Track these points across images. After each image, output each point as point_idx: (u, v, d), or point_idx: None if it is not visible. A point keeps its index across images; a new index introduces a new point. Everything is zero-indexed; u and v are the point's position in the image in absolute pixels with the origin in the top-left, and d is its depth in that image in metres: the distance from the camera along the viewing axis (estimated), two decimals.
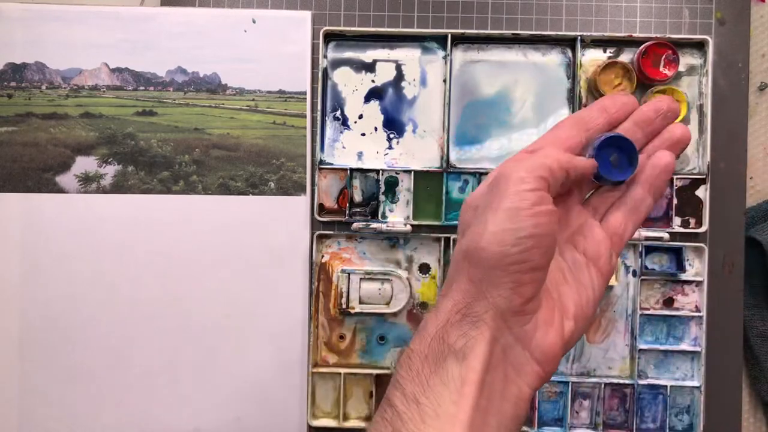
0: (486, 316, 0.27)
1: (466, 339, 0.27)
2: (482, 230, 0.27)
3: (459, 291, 0.28)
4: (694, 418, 0.47)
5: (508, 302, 0.27)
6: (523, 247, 0.26)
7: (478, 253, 0.27)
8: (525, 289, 0.27)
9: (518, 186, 0.27)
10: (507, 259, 0.26)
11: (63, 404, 0.47)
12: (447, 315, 0.28)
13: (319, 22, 0.48)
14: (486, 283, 0.27)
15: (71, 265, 0.47)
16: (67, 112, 0.48)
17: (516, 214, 0.26)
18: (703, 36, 0.47)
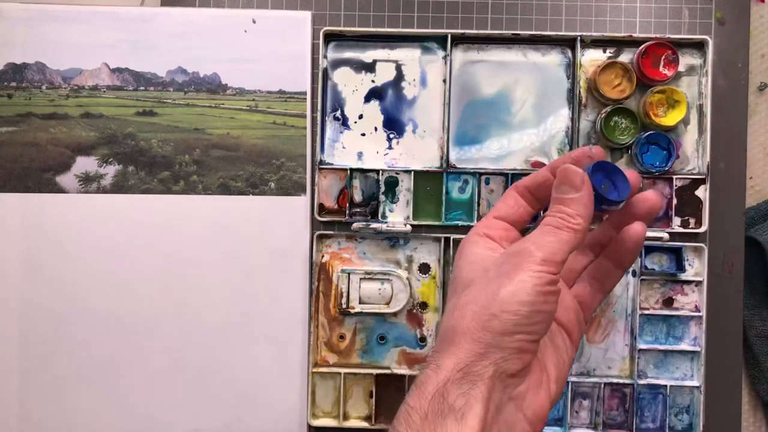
0: (485, 376, 0.28)
1: (465, 398, 0.28)
2: (495, 297, 0.29)
3: (462, 349, 0.29)
4: (693, 418, 0.47)
5: (509, 365, 0.28)
6: (532, 321, 0.28)
7: (490, 318, 0.28)
8: (525, 356, 0.29)
9: (539, 266, 0.29)
10: (517, 328, 0.28)
11: (63, 404, 0.47)
12: (448, 373, 0.28)
13: (319, 22, 0.48)
14: (492, 346, 0.28)
15: (71, 265, 0.47)
16: (67, 112, 0.48)
17: (532, 290, 0.28)
18: (702, 36, 0.47)
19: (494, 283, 0.29)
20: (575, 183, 0.30)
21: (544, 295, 0.28)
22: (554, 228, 0.30)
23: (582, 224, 0.30)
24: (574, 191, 0.30)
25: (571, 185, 0.30)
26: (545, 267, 0.29)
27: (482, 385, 0.28)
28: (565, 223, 0.30)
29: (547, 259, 0.29)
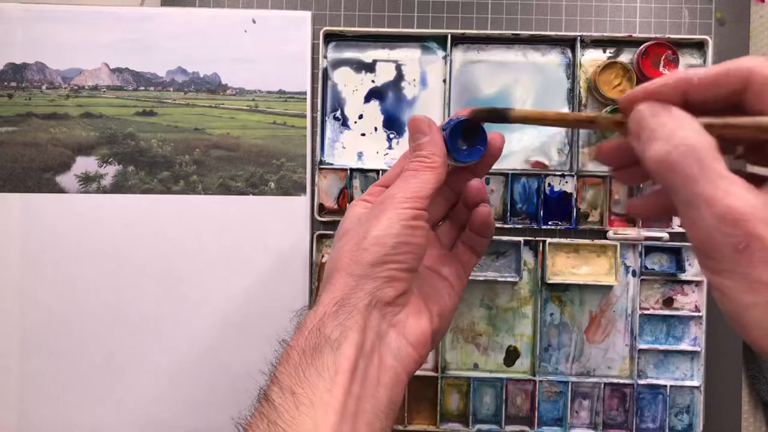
0: (361, 305, 0.30)
1: (341, 329, 0.29)
2: (366, 234, 0.31)
3: (338, 285, 0.31)
4: (693, 418, 0.47)
5: (383, 293, 0.31)
6: (399, 251, 0.31)
7: (360, 252, 0.31)
8: (398, 284, 0.31)
9: (401, 204, 0.31)
10: (385, 258, 0.31)
11: (63, 404, 0.47)
12: (324, 308, 0.30)
13: (319, 22, 0.48)
14: (365, 278, 0.30)
15: (71, 265, 0.47)
16: (67, 112, 0.48)
17: (395, 224, 0.31)
18: (702, 36, 0.47)
19: (364, 225, 0.32)
20: (423, 128, 0.33)
21: (410, 228, 0.31)
22: (413, 171, 0.32)
23: (437, 161, 0.32)
24: (423, 135, 0.33)
25: (420, 131, 0.33)
26: (408, 203, 0.31)
27: (357, 315, 0.30)
28: (422, 164, 0.32)
29: (410, 197, 0.31)
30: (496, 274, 0.47)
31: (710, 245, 0.23)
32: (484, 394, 0.48)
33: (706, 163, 0.22)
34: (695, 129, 0.23)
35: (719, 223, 0.22)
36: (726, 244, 0.22)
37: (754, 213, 0.21)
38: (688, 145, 0.23)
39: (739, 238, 0.22)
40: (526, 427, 0.47)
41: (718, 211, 0.22)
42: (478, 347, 0.48)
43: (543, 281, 0.47)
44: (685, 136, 0.23)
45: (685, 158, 0.23)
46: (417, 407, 0.48)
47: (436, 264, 0.37)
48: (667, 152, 0.23)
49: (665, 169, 0.23)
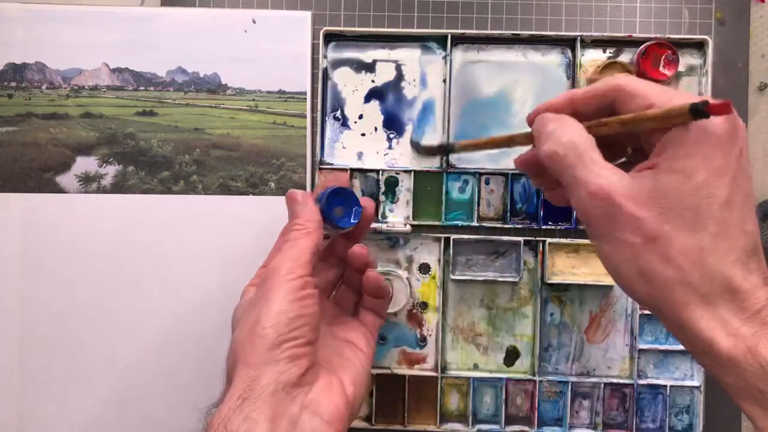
0: (266, 393, 0.29)
1: (248, 423, 0.28)
2: (257, 319, 0.31)
3: (239, 378, 0.30)
4: (693, 418, 0.47)
5: (288, 376, 0.30)
6: (294, 326, 0.31)
7: (255, 339, 0.30)
8: (301, 362, 0.31)
9: (285, 277, 0.31)
10: (281, 338, 0.30)
11: (63, 404, 0.47)
12: (228, 404, 0.29)
13: (319, 22, 0.48)
14: (265, 364, 0.30)
15: (71, 265, 0.47)
16: (67, 112, 0.48)
17: (284, 299, 0.31)
18: (702, 36, 0.47)
19: (255, 309, 0.31)
20: (298, 199, 0.36)
21: (300, 300, 0.31)
22: (292, 241, 0.34)
23: (311, 225, 0.34)
24: (298, 205, 0.36)
25: (296, 201, 0.36)
26: (292, 274, 0.32)
27: (263, 405, 0.29)
28: (299, 231, 0.34)
29: (292, 267, 0.32)
30: (496, 274, 0.47)
31: (588, 217, 0.28)
32: (484, 394, 0.48)
33: (584, 154, 0.28)
34: (578, 130, 0.29)
35: (591, 198, 0.27)
36: (598, 214, 0.27)
37: (617, 188, 0.27)
38: (570, 141, 0.29)
39: (607, 209, 0.27)
40: (526, 427, 0.47)
41: (590, 188, 0.27)
42: (478, 347, 0.48)
43: (543, 281, 0.47)
44: (568, 135, 0.29)
45: (566, 151, 0.28)
46: (417, 407, 0.48)
47: (340, 331, 0.38)
48: (554, 148, 0.29)
49: (554, 161, 0.29)
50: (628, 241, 0.27)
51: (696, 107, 0.25)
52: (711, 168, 0.25)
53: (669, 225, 0.26)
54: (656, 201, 0.26)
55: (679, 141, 0.26)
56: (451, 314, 0.48)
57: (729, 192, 0.26)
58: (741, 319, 0.25)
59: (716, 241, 0.26)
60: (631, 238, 0.26)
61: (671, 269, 0.26)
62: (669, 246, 0.26)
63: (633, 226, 0.26)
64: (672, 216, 0.26)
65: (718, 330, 0.26)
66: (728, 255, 0.26)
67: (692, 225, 0.26)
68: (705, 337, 0.26)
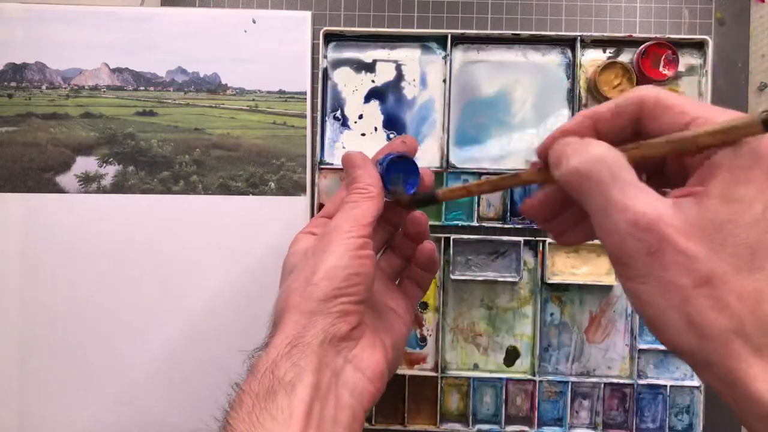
0: (315, 343, 0.29)
1: (295, 370, 0.28)
2: (314, 269, 0.31)
3: (289, 324, 0.30)
4: (694, 418, 0.47)
5: (337, 329, 0.30)
6: (350, 282, 0.30)
7: (310, 288, 0.30)
8: (351, 318, 0.30)
9: (347, 234, 0.31)
10: (336, 292, 0.30)
11: (63, 404, 0.47)
12: (277, 349, 0.29)
13: (319, 22, 0.48)
14: (317, 314, 0.30)
15: (71, 265, 0.47)
16: (67, 112, 0.48)
17: (344, 255, 0.31)
18: (702, 36, 0.47)
19: (312, 259, 0.31)
20: (357, 162, 0.35)
21: (358, 258, 0.31)
22: (353, 203, 0.33)
23: (374, 190, 0.33)
24: (359, 168, 0.34)
25: (355, 165, 0.35)
26: (353, 232, 0.31)
27: (311, 354, 0.29)
28: (361, 194, 0.33)
29: (354, 226, 0.31)
30: (496, 274, 0.47)
31: (624, 251, 0.23)
32: (484, 394, 0.48)
33: (617, 171, 0.24)
34: (605, 146, 0.25)
35: (631, 228, 0.23)
36: (638, 249, 0.23)
37: (663, 218, 0.22)
38: (600, 156, 0.24)
39: (651, 243, 0.22)
40: (526, 427, 0.47)
41: (630, 216, 0.23)
42: (478, 347, 0.48)
43: (543, 281, 0.47)
44: (596, 151, 0.24)
45: (597, 166, 0.24)
46: (417, 407, 0.48)
47: (384, 296, 0.37)
48: (580, 163, 0.24)
49: (579, 177, 0.24)
50: (676, 283, 0.22)
51: None
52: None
53: (724, 264, 0.22)
54: (707, 235, 0.22)
55: (732, 165, 0.22)
56: (451, 314, 0.48)
57: None
58: None
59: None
60: (680, 280, 0.22)
61: (726, 317, 0.22)
62: (724, 289, 0.22)
63: (683, 264, 0.22)
64: (727, 253, 0.22)
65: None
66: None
67: (750, 264, 0.22)
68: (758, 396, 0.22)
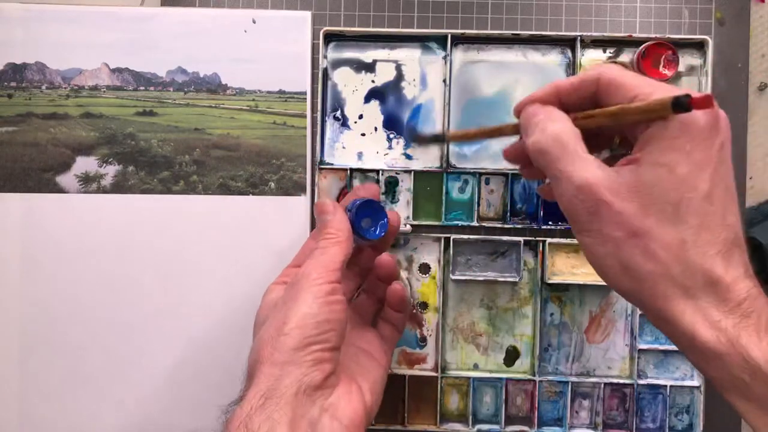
0: (288, 394, 0.29)
1: (269, 423, 0.28)
2: (285, 318, 0.31)
3: (262, 376, 0.30)
4: (694, 418, 0.47)
5: (311, 378, 0.30)
6: (321, 330, 0.31)
7: (282, 338, 0.30)
8: (325, 365, 0.31)
9: (315, 281, 0.32)
10: (308, 340, 0.30)
11: (63, 404, 0.47)
12: (250, 403, 0.29)
13: (319, 22, 0.48)
14: (289, 364, 0.30)
15: (71, 265, 0.47)
16: (67, 112, 0.48)
17: (314, 303, 0.31)
18: (702, 36, 0.47)
19: (282, 309, 0.32)
20: (328, 209, 0.37)
21: (329, 305, 0.31)
22: (322, 249, 0.34)
23: (343, 236, 0.35)
24: (329, 215, 0.36)
25: (326, 212, 0.36)
26: (322, 278, 0.32)
27: (285, 406, 0.29)
28: (329, 240, 0.34)
29: (322, 273, 0.32)
30: (496, 274, 0.47)
31: (572, 210, 0.28)
32: (484, 394, 0.48)
33: (568, 147, 0.28)
34: (563, 122, 0.29)
35: (576, 191, 0.27)
36: (582, 208, 0.27)
37: (601, 183, 0.27)
38: (556, 134, 0.28)
39: (590, 203, 0.27)
40: (526, 427, 0.47)
41: (575, 182, 0.27)
42: (478, 347, 0.48)
43: (543, 281, 0.47)
44: (553, 128, 0.29)
45: (551, 143, 0.28)
46: (417, 407, 0.48)
47: (359, 340, 0.38)
48: (539, 140, 0.29)
49: (539, 152, 0.29)
50: (611, 235, 0.27)
51: (678, 101, 0.25)
52: (692, 162, 0.26)
53: (651, 219, 0.26)
54: (639, 195, 0.26)
55: (661, 135, 0.26)
56: (451, 314, 0.48)
57: (710, 185, 0.26)
58: (722, 311, 0.26)
59: (697, 234, 0.26)
60: (614, 232, 0.27)
61: (653, 263, 0.26)
62: (650, 240, 0.26)
63: (616, 220, 0.26)
64: (654, 210, 0.26)
65: (701, 323, 0.26)
66: (709, 248, 0.26)
67: (673, 219, 0.26)
68: (687, 331, 0.26)
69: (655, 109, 0.26)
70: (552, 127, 0.29)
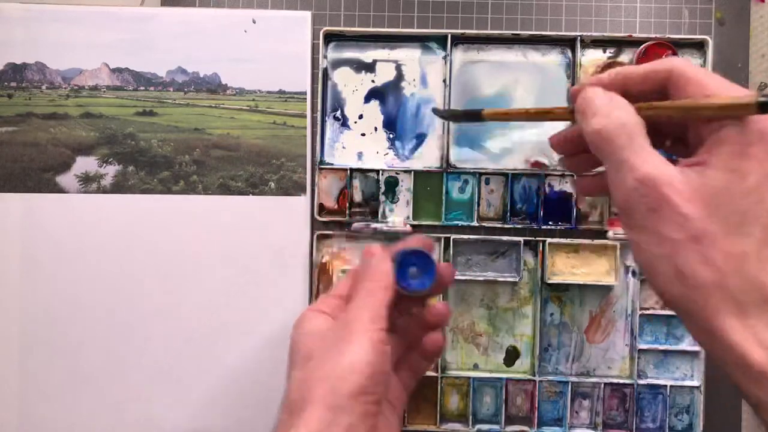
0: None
1: None
2: (340, 361, 0.30)
3: (314, 418, 0.29)
4: (694, 418, 0.47)
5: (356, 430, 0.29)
6: (374, 381, 0.30)
7: (338, 381, 0.29)
8: (370, 419, 0.30)
9: (370, 326, 0.31)
10: (362, 389, 0.29)
11: (63, 404, 0.47)
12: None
13: (319, 22, 0.48)
14: (343, 412, 0.29)
15: (71, 265, 0.47)
16: (67, 112, 0.48)
17: (370, 350, 0.30)
18: (702, 36, 0.47)
19: (334, 349, 0.31)
20: (374, 253, 0.35)
21: (382, 355, 0.30)
22: (369, 291, 0.33)
23: (387, 280, 0.34)
24: (375, 259, 0.35)
25: (371, 255, 0.35)
26: (375, 324, 0.31)
27: None
28: (375, 284, 0.33)
29: (375, 317, 0.31)
30: (496, 274, 0.47)
31: (629, 204, 0.27)
32: (484, 394, 0.48)
33: (634, 136, 0.27)
34: (628, 110, 0.28)
35: (638, 184, 0.26)
36: (641, 203, 0.26)
37: (666, 180, 0.25)
38: (621, 121, 0.27)
39: (652, 199, 0.26)
40: (526, 427, 0.47)
41: (637, 175, 0.26)
42: (478, 347, 0.48)
43: (543, 281, 0.47)
44: (619, 114, 0.27)
45: (617, 130, 0.27)
46: (417, 407, 0.48)
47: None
48: (604, 125, 0.27)
49: (601, 138, 0.27)
50: (670, 236, 0.25)
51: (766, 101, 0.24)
52: (765, 171, 0.25)
53: (715, 226, 0.25)
54: (704, 199, 0.25)
55: (736, 140, 0.25)
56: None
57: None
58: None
59: (761, 248, 0.25)
60: (674, 234, 0.25)
61: (710, 271, 0.25)
62: (712, 247, 0.25)
63: (677, 221, 0.25)
64: (719, 217, 0.25)
65: (751, 342, 0.24)
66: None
67: (738, 229, 0.25)
68: (736, 348, 0.24)
69: (737, 106, 0.25)
70: (618, 113, 0.27)
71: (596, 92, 0.29)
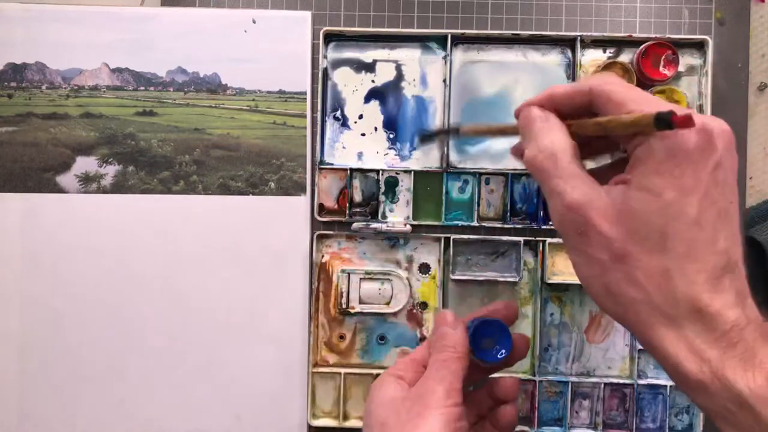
0: None
1: None
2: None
3: None
4: (694, 418, 0.47)
5: None
6: None
7: None
8: None
9: (445, 401, 0.31)
10: None
11: (63, 404, 0.47)
12: None
13: (319, 22, 0.48)
14: None
15: (71, 265, 0.47)
16: (67, 112, 0.48)
17: (444, 428, 0.30)
18: (702, 36, 0.47)
19: (409, 424, 0.31)
20: (449, 322, 0.35)
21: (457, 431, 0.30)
22: (443, 361, 0.33)
23: (462, 352, 0.34)
24: (449, 327, 0.34)
25: (446, 324, 0.35)
26: (452, 399, 0.31)
27: None
28: (450, 354, 0.33)
29: (450, 391, 0.31)
30: (496, 274, 0.47)
31: (563, 227, 0.28)
32: None
33: (562, 164, 0.27)
34: (559, 135, 0.28)
35: (566, 210, 0.27)
36: (571, 228, 0.27)
37: (591, 204, 0.26)
38: (551, 150, 0.28)
39: (580, 224, 0.27)
40: (526, 427, 0.47)
41: (565, 201, 0.27)
42: None
43: (543, 281, 0.47)
44: (551, 140, 0.28)
45: (547, 160, 0.28)
46: None
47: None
48: (534, 155, 0.28)
49: (534, 167, 0.29)
50: (597, 257, 0.26)
51: (661, 117, 0.24)
52: (680, 187, 0.25)
53: (636, 246, 0.25)
54: (626, 219, 0.26)
55: (649, 158, 0.25)
56: None
57: (698, 210, 0.25)
58: (708, 341, 0.25)
59: (683, 262, 0.25)
60: (600, 255, 0.26)
61: (635, 290, 0.26)
62: (634, 267, 0.26)
63: (602, 243, 0.26)
64: (639, 237, 0.25)
65: (685, 352, 0.25)
66: (696, 276, 0.25)
67: (659, 246, 0.25)
68: (671, 359, 0.25)
69: (639, 123, 0.25)
70: (546, 140, 0.28)
71: (532, 114, 0.30)
